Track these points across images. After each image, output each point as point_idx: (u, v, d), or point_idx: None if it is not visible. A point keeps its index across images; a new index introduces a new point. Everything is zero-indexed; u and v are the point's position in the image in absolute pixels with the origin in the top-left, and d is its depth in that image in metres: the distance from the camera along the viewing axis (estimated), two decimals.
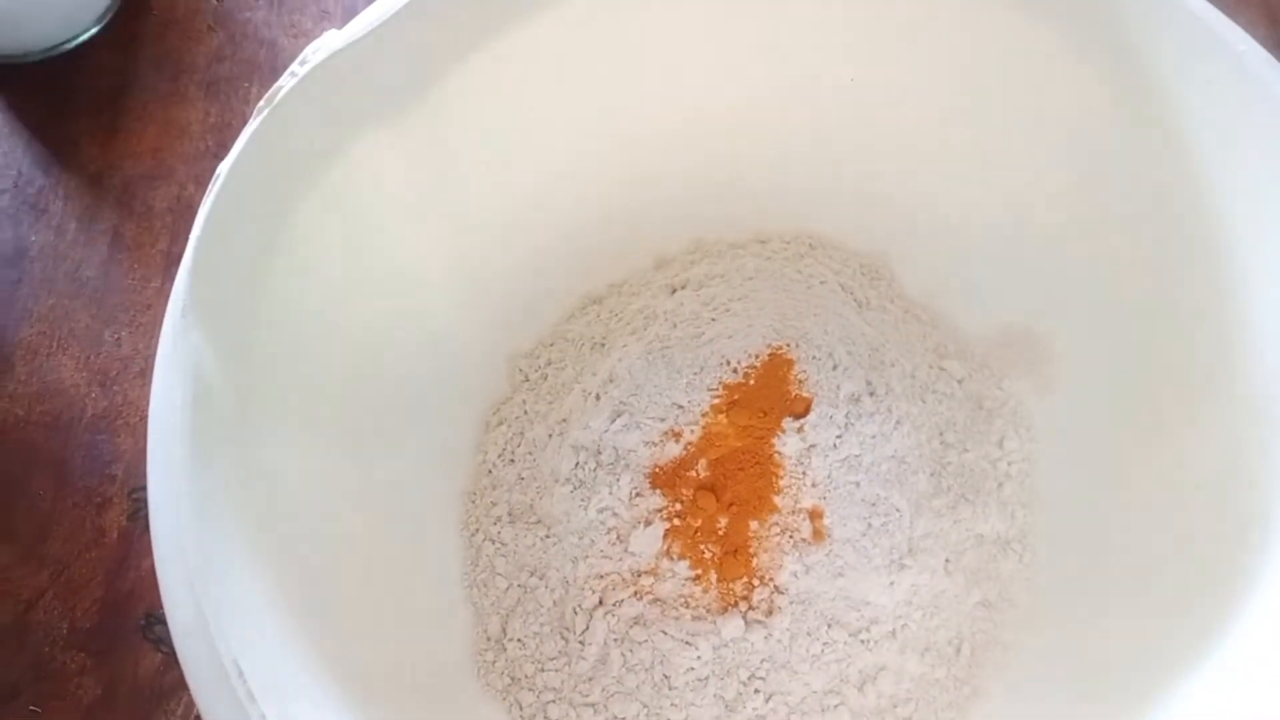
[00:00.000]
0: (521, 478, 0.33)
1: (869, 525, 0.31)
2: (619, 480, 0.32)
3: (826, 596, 0.30)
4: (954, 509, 0.32)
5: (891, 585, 0.30)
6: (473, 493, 0.33)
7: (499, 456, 0.33)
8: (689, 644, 0.30)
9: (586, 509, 0.31)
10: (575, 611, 0.30)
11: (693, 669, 0.30)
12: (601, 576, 0.31)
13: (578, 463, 0.32)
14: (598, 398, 0.33)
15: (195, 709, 0.23)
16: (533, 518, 0.32)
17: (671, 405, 0.33)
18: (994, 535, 0.32)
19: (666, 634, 0.30)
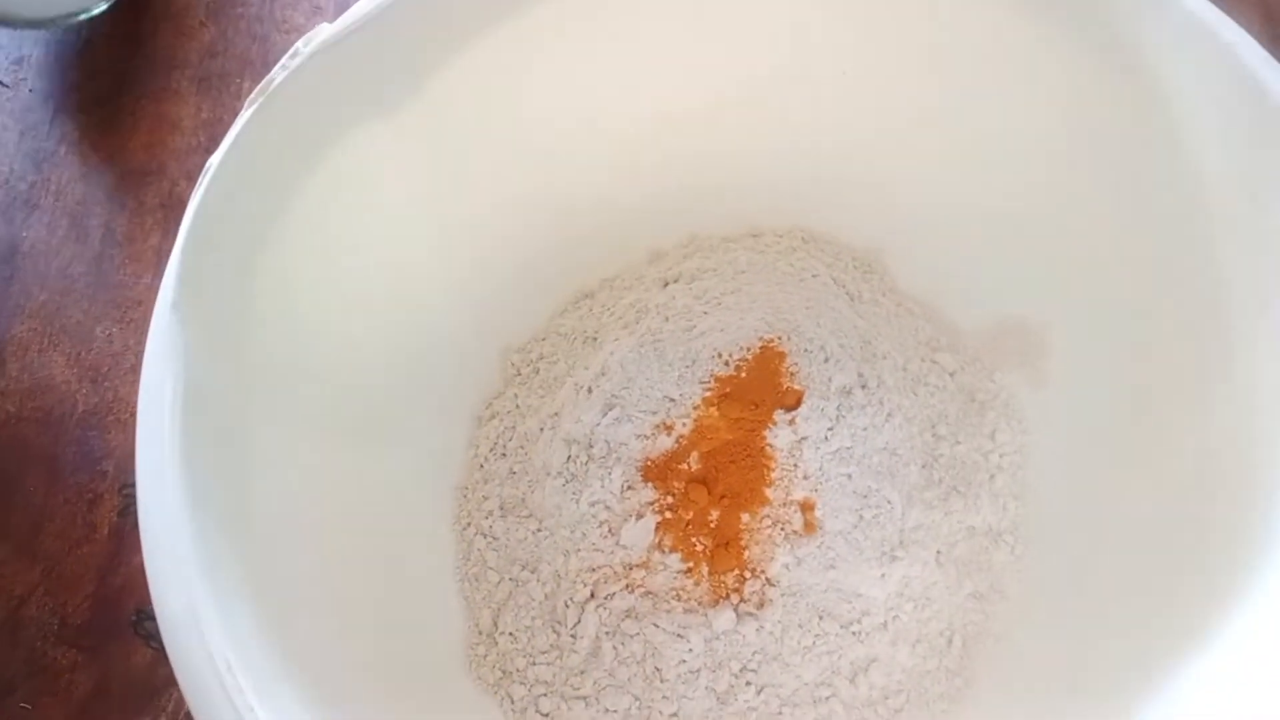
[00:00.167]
0: (513, 471, 0.33)
1: (860, 517, 0.31)
2: (610, 473, 0.32)
3: (818, 588, 0.30)
4: (946, 501, 0.32)
5: (883, 577, 0.30)
6: (464, 487, 0.33)
7: (491, 450, 0.33)
8: (680, 636, 0.30)
9: (578, 502, 0.31)
10: (567, 605, 0.30)
11: (684, 661, 0.30)
12: (593, 570, 0.31)
13: (569, 456, 0.32)
14: (590, 391, 0.33)
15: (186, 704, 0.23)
16: (524, 511, 0.32)
17: (663, 398, 0.33)
18: (986, 527, 0.32)
19: (658, 627, 0.30)
